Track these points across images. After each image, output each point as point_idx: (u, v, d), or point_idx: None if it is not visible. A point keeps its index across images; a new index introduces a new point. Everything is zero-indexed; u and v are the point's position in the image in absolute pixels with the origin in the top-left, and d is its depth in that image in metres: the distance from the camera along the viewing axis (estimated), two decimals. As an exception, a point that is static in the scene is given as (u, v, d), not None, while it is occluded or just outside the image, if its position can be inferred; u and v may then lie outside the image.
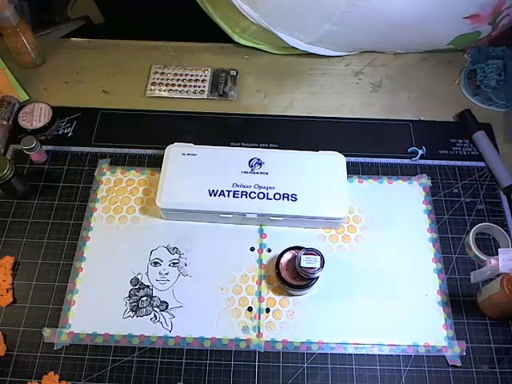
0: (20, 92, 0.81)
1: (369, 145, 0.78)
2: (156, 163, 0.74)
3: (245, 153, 0.71)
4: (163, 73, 0.85)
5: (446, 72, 0.87)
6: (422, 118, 0.81)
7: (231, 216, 0.67)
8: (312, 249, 0.60)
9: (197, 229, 0.70)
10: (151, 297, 0.65)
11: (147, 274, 0.66)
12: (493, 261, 0.60)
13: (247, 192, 0.67)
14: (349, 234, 0.70)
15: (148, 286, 0.66)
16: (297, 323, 0.64)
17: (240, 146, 0.77)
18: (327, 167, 0.69)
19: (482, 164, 0.76)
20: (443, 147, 0.78)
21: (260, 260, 0.68)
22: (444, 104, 0.83)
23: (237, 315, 0.64)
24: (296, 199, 0.67)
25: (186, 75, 0.85)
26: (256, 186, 0.68)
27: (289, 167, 0.69)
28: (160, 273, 0.67)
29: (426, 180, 0.74)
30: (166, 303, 0.65)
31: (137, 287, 0.66)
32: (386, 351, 0.62)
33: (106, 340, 0.62)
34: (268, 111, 0.82)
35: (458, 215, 0.72)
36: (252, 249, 0.69)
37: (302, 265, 0.59)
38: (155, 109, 0.81)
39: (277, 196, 0.67)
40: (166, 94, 0.83)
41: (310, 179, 0.68)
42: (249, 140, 0.78)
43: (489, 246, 0.69)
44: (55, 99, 0.80)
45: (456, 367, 0.62)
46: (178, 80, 0.85)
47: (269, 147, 0.77)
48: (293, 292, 0.64)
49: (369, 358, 0.62)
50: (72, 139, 0.78)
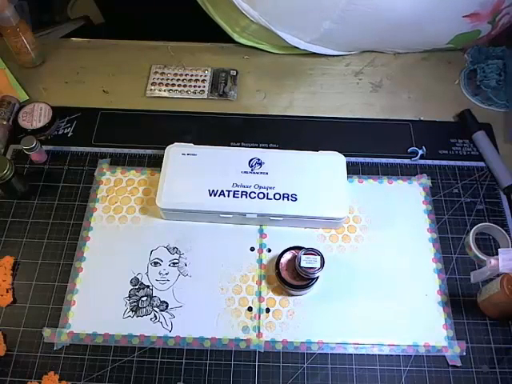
0: (20, 92, 0.81)
1: (369, 145, 0.78)
2: (156, 163, 0.74)
3: (245, 153, 0.71)
4: (163, 73, 0.85)
5: (446, 72, 0.87)
6: (422, 118, 0.81)
7: (231, 216, 0.67)
8: (312, 249, 0.60)
9: (197, 229, 0.70)
10: (151, 297, 0.65)
11: (147, 274, 0.66)
12: (493, 261, 0.60)
13: (247, 192, 0.67)
14: (349, 234, 0.70)
15: (148, 286, 0.66)
16: (297, 323, 0.64)
17: (240, 146, 0.77)
18: (327, 167, 0.69)
19: (482, 164, 0.76)
20: (443, 147, 0.78)
21: (260, 260, 0.68)
22: (444, 104, 0.83)
23: (237, 315, 0.64)
24: (296, 199, 0.67)
25: (186, 75, 0.85)
26: (256, 186, 0.68)
27: (289, 167, 0.69)
28: (160, 273, 0.67)
29: (426, 180, 0.74)
30: (166, 303, 0.65)
31: (137, 287, 0.66)
32: (386, 351, 0.62)
33: (106, 340, 0.62)
34: (268, 111, 0.82)
35: (458, 215, 0.72)
36: (252, 249, 0.69)
37: (302, 265, 0.59)
38: (155, 109, 0.81)
39: (277, 196, 0.67)
40: (166, 94, 0.83)
41: (310, 179, 0.68)
42: (249, 140, 0.78)
43: (489, 246, 0.69)
44: (55, 99, 0.80)
45: (456, 367, 0.62)
46: (178, 80, 0.85)
47: (269, 147, 0.77)
48: (293, 292, 0.64)
49: (369, 358, 0.62)
50: (72, 139, 0.78)
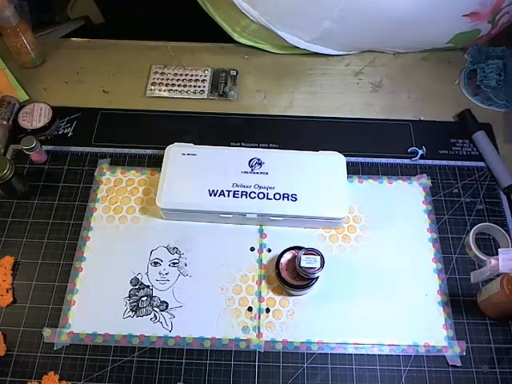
0: (20, 92, 0.81)
1: (369, 145, 0.78)
2: (156, 163, 0.74)
3: (245, 153, 0.71)
4: (163, 73, 0.85)
5: (446, 72, 0.87)
6: (422, 118, 0.81)
7: (231, 216, 0.67)
8: (312, 249, 0.60)
9: (197, 229, 0.69)
10: (151, 297, 0.65)
11: (147, 274, 0.66)
12: (493, 261, 0.60)
13: (247, 192, 0.67)
14: (349, 234, 0.70)
15: (148, 286, 0.66)
16: (297, 323, 0.64)
17: (240, 146, 0.77)
18: (327, 167, 0.69)
19: (482, 164, 0.76)
20: (443, 147, 0.78)
21: (260, 260, 0.68)
22: (444, 104, 0.83)
23: (237, 315, 0.64)
24: (296, 199, 0.67)
25: (186, 75, 0.85)
26: (256, 186, 0.68)
27: (289, 167, 0.69)
28: (160, 273, 0.67)
29: (426, 180, 0.74)
30: (166, 303, 0.65)
31: (137, 287, 0.66)
32: (386, 351, 0.62)
33: (106, 340, 0.62)
34: (268, 111, 0.82)
35: (458, 215, 0.72)
36: (252, 249, 0.69)
37: (302, 265, 0.59)
38: (155, 109, 0.81)
39: (277, 196, 0.67)
40: (166, 94, 0.83)
41: (310, 179, 0.68)
42: (249, 140, 0.78)
43: (489, 246, 0.69)
44: (55, 99, 0.80)
45: (456, 367, 0.62)
46: (178, 80, 0.85)
47: (269, 147, 0.77)
48: (293, 292, 0.64)
49: (369, 358, 0.62)
50: (72, 139, 0.78)
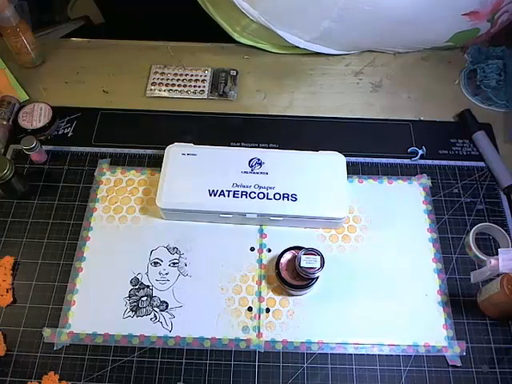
0: (20, 92, 0.81)
1: (369, 145, 0.78)
2: (156, 163, 0.74)
3: (245, 153, 0.71)
4: (163, 73, 0.85)
5: (446, 72, 0.87)
6: (422, 118, 0.81)
7: (231, 216, 0.67)
8: (312, 249, 0.60)
9: (197, 229, 0.69)
10: (151, 297, 0.65)
11: (147, 274, 0.66)
12: (493, 261, 0.60)
13: (247, 192, 0.67)
14: (349, 234, 0.70)
15: (148, 286, 0.66)
16: (297, 323, 0.64)
17: (240, 146, 0.77)
18: (327, 167, 0.69)
19: (482, 164, 0.76)
20: (443, 147, 0.78)
21: (260, 260, 0.68)
22: (444, 104, 0.83)
23: (237, 315, 0.64)
24: (296, 199, 0.67)
25: (186, 75, 0.85)
26: (256, 186, 0.68)
27: (289, 167, 0.69)
28: (160, 273, 0.67)
29: (426, 180, 0.74)
30: (166, 303, 0.65)
31: (137, 287, 0.66)
32: (386, 351, 0.62)
33: (106, 340, 0.62)
34: (268, 111, 0.82)
35: (458, 215, 0.72)
36: (252, 249, 0.69)
37: (302, 265, 0.59)
38: (155, 109, 0.81)
39: (277, 196, 0.67)
40: (166, 94, 0.83)
41: (310, 179, 0.68)
42: (249, 140, 0.78)
43: (489, 246, 0.69)
44: (55, 99, 0.80)
45: (456, 367, 0.62)
46: (178, 80, 0.85)
47: (269, 147, 0.77)
48: (293, 292, 0.64)
49: (369, 358, 0.62)
50: (72, 139, 0.78)
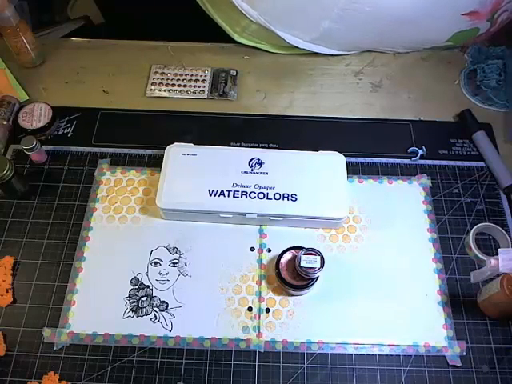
0: (20, 92, 0.81)
1: (369, 145, 0.78)
2: (156, 163, 0.74)
3: (245, 153, 0.71)
4: (163, 73, 0.85)
5: (446, 72, 0.87)
6: (422, 118, 0.81)
7: (231, 216, 0.67)
8: (312, 249, 0.60)
9: (197, 229, 0.69)
10: (151, 297, 0.65)
11: (147, 274, 0.66)
12: (493, 261, 0.60)
13: (247, 192, 0.67)
14: (349, 234, 0.70)
15: (148, 286, 0.66)
16: (297, 323, 0.64)
17: (240, 146, 0.77)
18: (327, 167, 0.69)
19: (482, 164, 0.76)
20: (443, 147, 0.78)
21: (260, 260, 0.68)
22: (444, 104, 0.83)
23: (237, 315, 0.64)
24: (296, 199, 0.67)
25: (186, 75, 0.85)
26: (256, 186, 0.68)
27: (289, 167, 0.69)
28: (160, 273, 0.67)
29: (426, 180, 0.74)
30: (166, 303, 0.65)
31: (137, 287, 0.66)
32: (386, 351, 0.62)
33: (106, 340, 0.62)
34: (268, 111, 0.82)
35: (458, 215, 0.72)
36: (252, 249, 0.69)
37: (302, 265, 0.59)
38: (155, 109, 0.81)
39: (277, 196, 0.67)
40: (166, 94, 0.83)
41: (310, 179, 0.68)
42: (249, 140, 0.78)
43: (489, 246, 0.69)
44: (55, 99, 0.80)
45: (456, 367, 0.62)
46: (178, 80, 0.85)
47: (269, 147, 0.77)
48: (293, 292, 0.64)
49: (369, 358, 0.62)
50: (72, 139, 0.78)
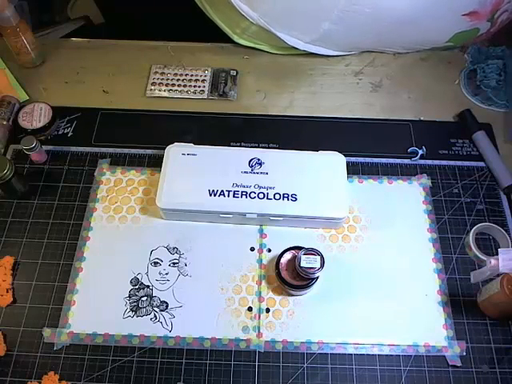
0: (20, 92, 0.81)
1: (369, 145, 0.78)
2: (156, 163, 0.74)
3: (245, 153, 0.71)
4: (163, 73, 0.85)
5: (446, 72, 0.87)
6: (422, 118, 0.81)
7: (231, 216, 0.67)
8: (312, 249, 0.60)
9: (197, 229, 0.69)
10: (151, 297, 0.65)
11: (147, 274, 0.66)
12: (493, 261, 0.60)
13: (247, 192, 0.67)
14: (349, 234, 0.70)
15: (148, 286, 0.66)
16: (297, 323, 0.64)
17: (240, 146, 0.77)
18: (327, 167, 0.69)
19: (482, 164, 0.76)
20: (443, 147, 0.78)
21: (260, 260, 0.68)
22: (444, 104, 0.83)
23: (237, 315, 0.64)
24: (296, 199, 0.67)
25: (186, 75, 0.85)
26: (256, 186, 0.68)
27: (289, 167, 0.69)
28: (160, 273, 0.67)
29: (426, 180, 0.74)
30: (166, 303, 0.65)
31: (137, 287, 0.66)
32: (386, 351, 0.62)
33: (106, 340, 0.62)
34: (268, 111, 0.82)
35: (458, 215, 0.72)
36: (252, 249, 0.69)
37: (302, 265, 0.59)
38: (155, 109, 0.81)
39: (277, 196, 0.67)
40: (166, 94, 0.83)
41: (310, 179, 0.68)
42: (249, 140, 0.78)
43: (489, 246, 0.69)
44: (55, 99, 0.80)
45: (456, 367, 0.62)
46: (178, 80, 0.85)
47: (269, 147, 0.77)
48: (293, 292, 0.64)
49: (369, 358, 0.62)
50: (72, 139, 0.78)
